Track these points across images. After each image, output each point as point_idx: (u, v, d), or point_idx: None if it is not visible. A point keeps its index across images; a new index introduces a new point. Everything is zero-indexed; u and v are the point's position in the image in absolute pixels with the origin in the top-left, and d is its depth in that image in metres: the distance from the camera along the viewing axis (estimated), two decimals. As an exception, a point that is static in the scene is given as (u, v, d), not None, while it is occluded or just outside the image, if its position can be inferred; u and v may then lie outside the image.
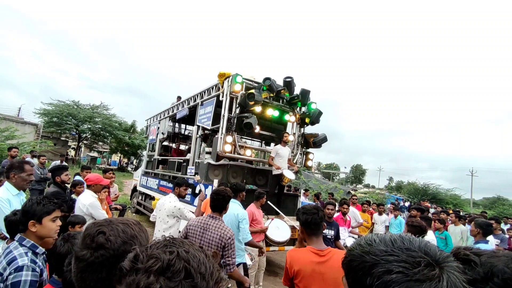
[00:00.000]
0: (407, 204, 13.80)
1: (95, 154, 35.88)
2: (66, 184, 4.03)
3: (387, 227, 7.53)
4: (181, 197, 4.15)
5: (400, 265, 0.59)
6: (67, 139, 29.06)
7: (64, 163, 9.49)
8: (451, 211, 8.42)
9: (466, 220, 6.76)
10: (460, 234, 6.16)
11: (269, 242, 4.65)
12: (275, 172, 5.62)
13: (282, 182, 5.72)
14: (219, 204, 2.59)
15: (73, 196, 3.98)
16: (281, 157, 5.68)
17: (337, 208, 7.63)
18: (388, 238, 0.67)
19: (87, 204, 3.38)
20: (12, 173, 2.70)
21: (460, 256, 0.84)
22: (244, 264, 3.56)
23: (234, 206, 3.64)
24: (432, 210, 10.71)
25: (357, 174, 77.01)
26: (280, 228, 4.77)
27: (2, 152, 10.90)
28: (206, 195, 5.31)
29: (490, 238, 4.34)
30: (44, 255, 1.74)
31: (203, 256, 0.65)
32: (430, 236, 4.35)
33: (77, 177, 5.06)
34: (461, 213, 8.45)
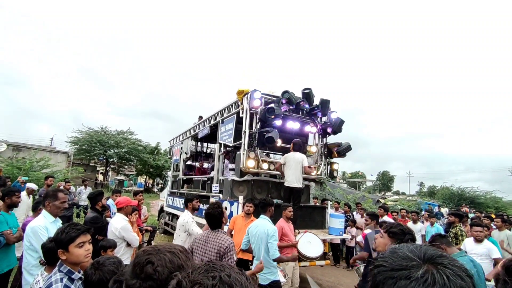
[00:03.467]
0: (444, 210, 12.89)
1: (122, 177, 37.19)
2: (103, 209, 4.25)
3: (423, 237, 7.10)
4: (196, 210, 4.46)
5: (387, 264, 0.64)
6: (96, 165, 30.40)
7: (89, 188, 9.91)
8: (493, 215, 7.81)
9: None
10: (506, 240, 5.68)
11: (301, 258, 4.50)
12: (297, 185, 5.30)
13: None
14: (214, 223, 2.75)
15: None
16: (288, 166, 5.38)
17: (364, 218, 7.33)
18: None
19: (119, 227, 3.47)
20: (47, 201, 2.83)
21: None
22: (277, 282, 3.45)
23: (264, 222, 3.58)
24: (471, 215, 10.00)
25: (385, 181, 74.15)
26: (312, 242, 4.60)
27: (39, 182, 11.52)
28: (232, 212, 5.30)
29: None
30: (82, 280, 1.78)
31: (244, 279, 0.65)
32: (491, 247, 4.00)
33: (109, 201, 5.26)
34: (504, 217, 7.82)
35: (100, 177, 33.23)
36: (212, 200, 5.52)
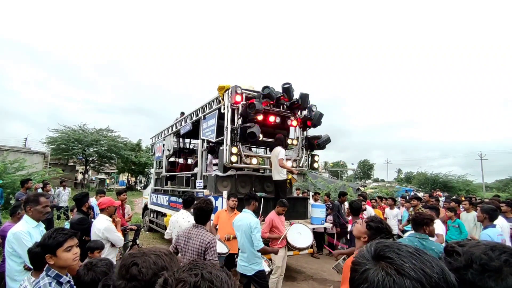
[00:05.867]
0: (420, 195, 13.65)
1: (103, 176, 36.18)
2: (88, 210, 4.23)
3: (399, 221, 7.50)
4: None
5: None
6: (75, 164, 29.40)
7: (68, 188, 9.69)
8: (463, 198, 8.34)
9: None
10: (473, 221, 6.08)
11: (291, 248, 4.65)
12: (277, 177, 5.56)
13: (288, 184, 5.78)
14: (202, 218, 2.78)
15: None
16: (271, 161, 5.67)
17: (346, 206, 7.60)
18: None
19: (102, 228, 3.46)
20: (29, 206, 2.79)
21: (447, 249, 0.91)
22: (262, 271, 3.60)
23: (247, 215, 3.70)
24: (442, 199, 10.62)
25: (365, 169, 76.39)
26: (302, 233, 4.75)
27: (14, 184, 11.06)
28: (217, 207, 5.38)
29: (503, 222, 4.31)
30: (70, 283, 1.82)
31: (224, 275, 0.72)
32: (438, 225, 4.33)
33: (93, 201, 5.22)
34: (473, 200, 8.36)
35: (80, 177, 32.22)
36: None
